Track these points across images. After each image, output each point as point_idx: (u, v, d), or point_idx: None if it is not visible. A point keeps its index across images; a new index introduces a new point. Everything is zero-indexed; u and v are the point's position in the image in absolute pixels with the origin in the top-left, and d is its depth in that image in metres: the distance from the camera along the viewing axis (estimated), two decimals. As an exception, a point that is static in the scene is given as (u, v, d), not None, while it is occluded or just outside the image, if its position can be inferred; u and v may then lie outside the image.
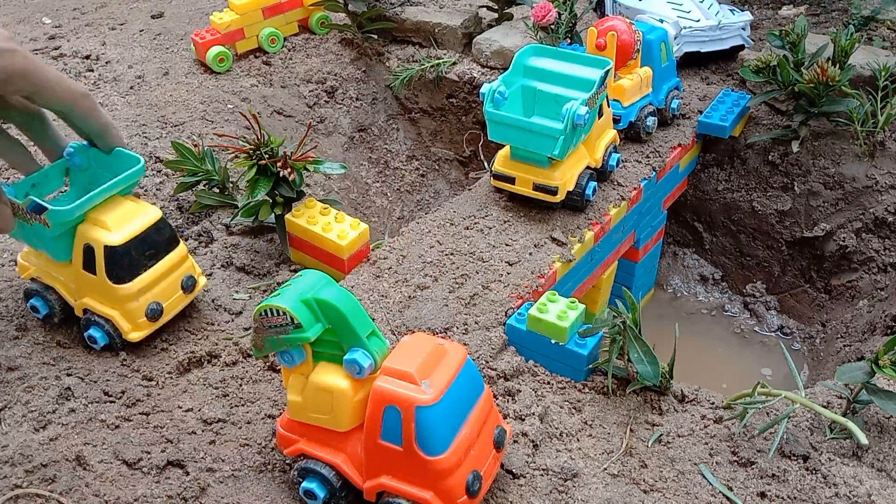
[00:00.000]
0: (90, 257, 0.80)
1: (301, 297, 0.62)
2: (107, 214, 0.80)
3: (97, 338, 0.83)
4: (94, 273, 0.80)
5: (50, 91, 0.73)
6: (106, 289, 0.81)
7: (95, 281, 0.81)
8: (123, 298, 0.81)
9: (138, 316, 0.83)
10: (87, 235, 0.79)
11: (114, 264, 0.80)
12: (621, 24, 1.14)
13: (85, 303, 0.83)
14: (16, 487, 0.67)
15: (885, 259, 1.25)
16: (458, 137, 1.60)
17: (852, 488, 0.71)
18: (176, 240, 0.86)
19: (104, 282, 0.80)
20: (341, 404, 0.64)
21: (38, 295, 0.85)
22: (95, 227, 0.80)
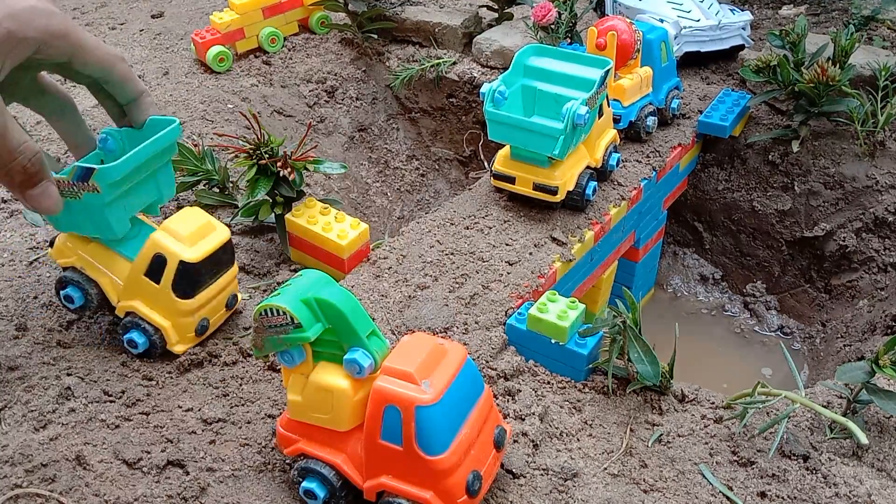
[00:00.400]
0: (159, 267, 0.78)
1: (301, 296, 0.62)
2: (184, 226, 0.78)
3: (139, 343, 0.81)
4: (157, 282, 0.79)
5: (90, 53, 0.71)
6: (166, 300, 0.79)
7: (156, 290, 0.79)
8: (181, 313, 0.80)
9: (188, 330, 0.82)
10: (161, 246, 0.78)
11: (184, 279, 0.78)
12: (621, 23, 1.14)
13: (133, 306, 0.81)
14: (16, 487, 0.67)
15: (886, 259, 1.25)
16: (458, 137, 1.59)
17: (852, 488, 0.71)
18: (233, 259, 0.85)
19: (167, 293, 0.79)
20: (341, 404, 0.64)
21: (75, 285, 0.81)
22: (173, 239, 0.78)
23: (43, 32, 0.66)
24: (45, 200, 0.70)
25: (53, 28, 0.66)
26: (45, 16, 0.66)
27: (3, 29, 0.63)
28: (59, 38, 0.67)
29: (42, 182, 0.69)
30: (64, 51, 0.69)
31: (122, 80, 0.75)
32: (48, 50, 0.67)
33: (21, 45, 0.65)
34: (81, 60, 0.71)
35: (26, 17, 0.64)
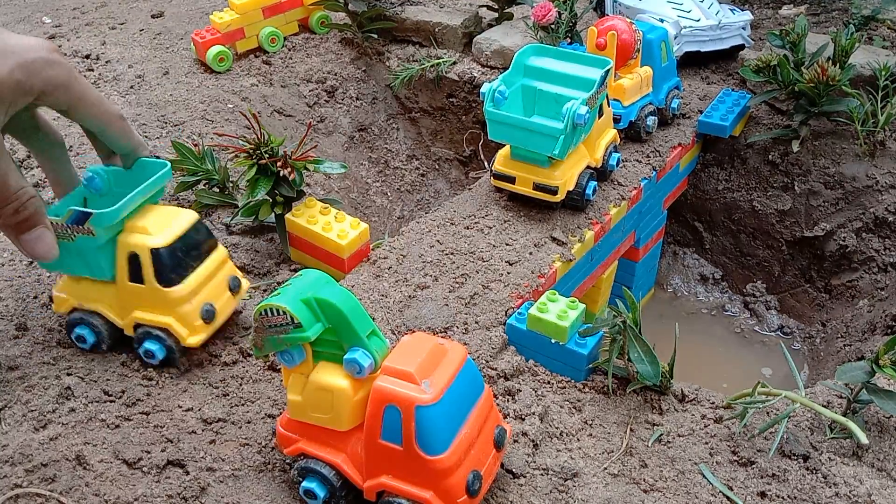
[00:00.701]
0: (136, 266, 0.78)
1: (301, 296, 0.62)
2: (145, 220, 0.78)
3: (154, 351, 0.80)
4: (142, 282, 0.78)
5: (88, 108, 0.72)
6: (157, 296, 0.79)
7: (145, 290, 0.79)
8: (176, 302, 0.79)
9: (194, 319, 0.81)
10: (129, 243, 0.78)
11: (162, 267, 0.78)
12: (621, 23, 1.14)
13: (136, 317, 0.80)
14: (16, 487, 0.66)
15: (886, 259, 1.25)
16: (458, 137, 1.59)
17: (852, 488, 0.71)
18: (215, 241, 0.85)
19: (155, 288, 0.78)
20: (341, 404, 0.64)
21: (82, 323, 0.82)
22: (136, 233, 0.78)
23: (47, 83, 0.67)
24: (40, 246, 0.70)
25: (57, 80, 0.67)
26: (50, 66, 0.67)
27: (14, 80, 0.64)
28: (61, 90, 0.68)
29: (37, 227, 0.70)
30: (64, 101, 0.70)
31: (119, 137, 0.77)
32: (48, 99, 0.68)
33: (26, 95, 0.66)
34: (81, 113, 0.72)
35: (35, 68, 0.65)
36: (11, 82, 0.64)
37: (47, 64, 0.66)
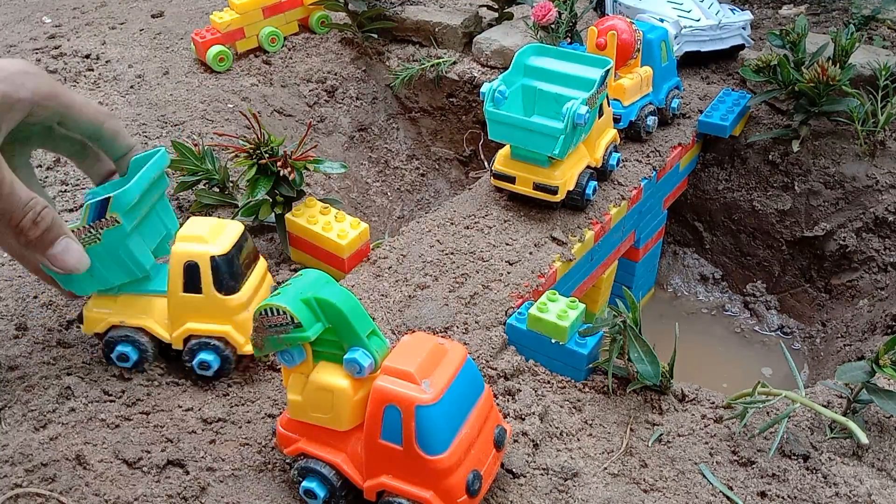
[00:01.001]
0: (194, 275, 0.77)
1: (301, 296, 0.62)
2: (198, 229, 0.77)
3: (210, 361, 0.79)
4: (199, 292, 0.77)
5: (80, 110, 0.71)
6: (215, 305, 0.78)
7: (202, 300, 0.78)
8: (235, 310, 0.79)
9: (249, 326, 0.80)
10: (186, 253, 0.76)
11: (221, 275, 0.77)
12: (622, 23, 1.14)
13: (190, 329, 0.79)
14: (16, 487, 0.66)
15: (886, 258, 1.25)
16: (458, 137, 1.59)
17: (852, 488, 0.71)
18: (257, 251, 0.85)
19: (213, 297, 0.77)
20: (341, 404, 0.64)
21: (125, 341, 0.79)
22: (193, 242, 0.77)
23: (35, 94, 0.66)
24: (69, 258, 0.68)
25: (44, 90, 0.67)
26: (35, 77, 0.67)
27: (0, 93, 0.64)
28: (51, 99, 0.68)
29: (60, 238, 0.68)
30: (55, 111, 0.69)
31: (113, 135, 0.75)
32: (40, 112, 0.68)
33: (16, 107, 0.65)
34: (73, 119, 0.71)
35: (20, 80, 0.65)
36: None
37: (29, 76, 0.66)
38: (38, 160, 1.16)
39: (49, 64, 1.47)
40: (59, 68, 1.45)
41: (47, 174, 1.12)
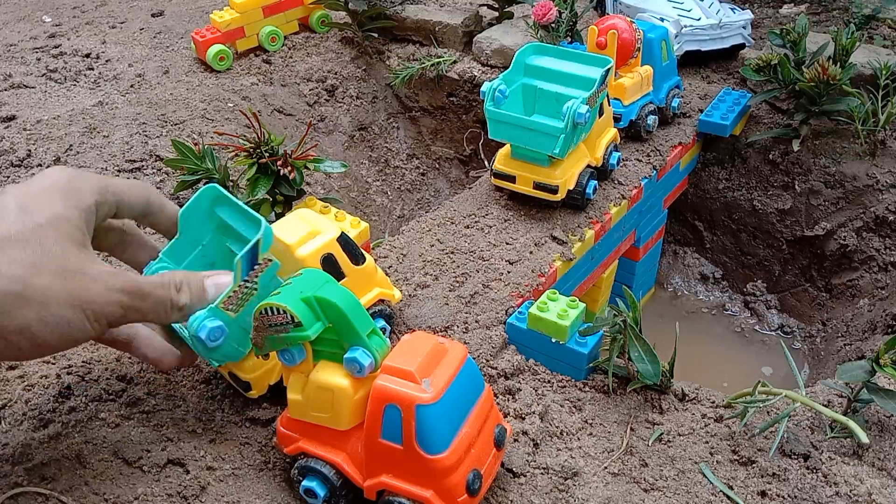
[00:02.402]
0: (332, 263, 0.77)
1: (301, 295, 0.62)
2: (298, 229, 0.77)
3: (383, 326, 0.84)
4: (341, 276, 0.77)
5: (129, 193, 0.67)
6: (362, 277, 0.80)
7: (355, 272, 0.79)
8: (382, 281, 0.83)
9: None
10: (325, 247, 0.76)
11: (351, 250, 0.79)
12: (622, 22, 1.14)
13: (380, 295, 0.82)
14: (16, 486, 0.66)
15: (886, 258, 1.25)
16: (458, 136, 1.59)
17: (853, 487, 0.71)
18: None
19: (362, 270, 0.80)
20: (342, 403, 0.64)
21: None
22: (313, 239, 0.76)
23: (96, 192, 0.64)
24: (221, 286, 0.66)
25: (97, 184, 0.65)
26: (84, 177, 0.64)
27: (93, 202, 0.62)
28: (106, 191, 0.65)
29: (206, 280, 0.65)
30: (112, 202, 0.66)
31: (160, 204, 0.71)
32: (103, 209, 0.65)
33: (90, 212, 0.63)
34: (127, 204, 0.68)
35: (77, 185, 0.63)
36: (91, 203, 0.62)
37: (80, 179, 0.64)
38: (39, 159, 1.16)
39: (49, 63, 1.47)
40: (59, 67, 1.45)
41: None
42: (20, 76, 1.42)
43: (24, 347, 0.57)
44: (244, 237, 0.70)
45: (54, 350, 0.59)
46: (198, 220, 0.73)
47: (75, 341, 0.59)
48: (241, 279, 0.65)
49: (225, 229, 0.74)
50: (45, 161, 1.15)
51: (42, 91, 1.37)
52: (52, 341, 0.58)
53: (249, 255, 0.65)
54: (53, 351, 0.60)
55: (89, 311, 0.58)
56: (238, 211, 0.71)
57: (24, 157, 1.17)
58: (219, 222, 0.74)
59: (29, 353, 0.58)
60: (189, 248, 0.74)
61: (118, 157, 1.18)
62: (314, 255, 0.75)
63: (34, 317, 0.56)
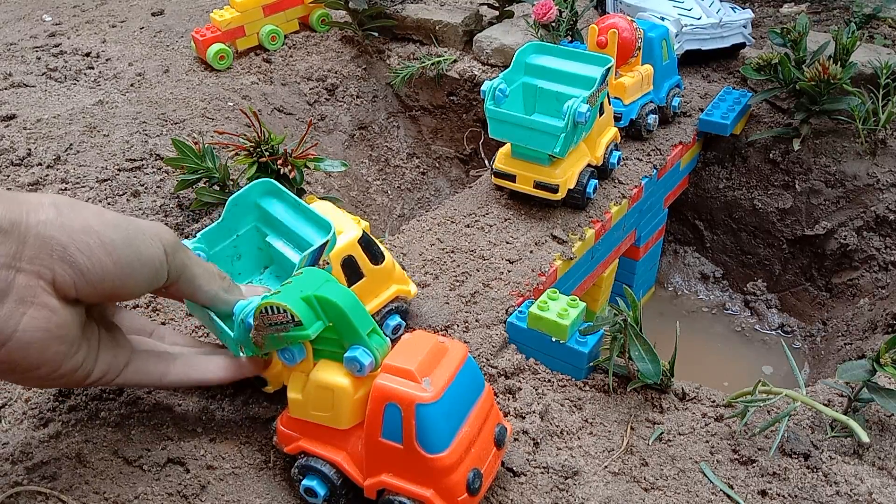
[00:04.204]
0: (352, 266, 0.78)
1: (302, 294, 0.62)
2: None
3: (399, 324, 0.85)
4: (359, 278, 0.79)
5: (203, 281, 0.66)
6: (381, 276, 0.81)
7: (373, 272, 0.80)
8: (399, 277, 0.84)
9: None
10: (343, 249, 0.77)
11: (371, 249, 0.80)
12: (622, 21, 1.14)
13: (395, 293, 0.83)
14: (16, 485, 0.66)
15: (886, 257, 1.25)
16: (458, 135, 1.59)
17: (853, 486, 0.71)
18: None
19: (380, 270, 0.80)
20: (341, 402, 0.64)
21: None
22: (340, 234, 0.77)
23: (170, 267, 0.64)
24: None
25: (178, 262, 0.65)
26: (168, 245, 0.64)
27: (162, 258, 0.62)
28: (180, 272, 0.65)
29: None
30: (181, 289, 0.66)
31: (226, 303, 0.69)
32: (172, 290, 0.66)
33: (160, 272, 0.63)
34: (194, 295, 0.67)
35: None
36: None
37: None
38: (39, 158, 1.16)
39: (49, 62, 1.47)
40: (60, 66, 1.45)
41: (47, 172, 1.12)
42: (20, 75, 1.42)
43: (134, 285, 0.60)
44: (293, 233, 0.73)
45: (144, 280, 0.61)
46: (241, 211, 0.75)
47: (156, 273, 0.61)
48: None
49: (266, 222, 0.76)
50: (45, 160, 1.15)
51: (42, 90, 1.37)
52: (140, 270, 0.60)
53: (315, 253, 0.68)
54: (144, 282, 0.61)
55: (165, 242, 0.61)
56: (297, 210, 0.73)
57: (25, 156, 1.17)
58: (260, 215, 0.76)
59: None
60: (224, 235, 0.75)
61: (118, 156, 1.18)
62: (334, 256, 0.76)
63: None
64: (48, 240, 0.55)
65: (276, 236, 0.76)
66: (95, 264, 0.56)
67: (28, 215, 0.55)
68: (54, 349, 0.57)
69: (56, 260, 0.55)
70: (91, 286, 0.57)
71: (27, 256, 0.54)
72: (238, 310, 0.67)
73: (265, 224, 0.77)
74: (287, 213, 0.75)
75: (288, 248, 0.75)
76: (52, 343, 0.56)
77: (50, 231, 0.55)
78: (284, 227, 0.75)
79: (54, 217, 0.56)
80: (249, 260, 0.78)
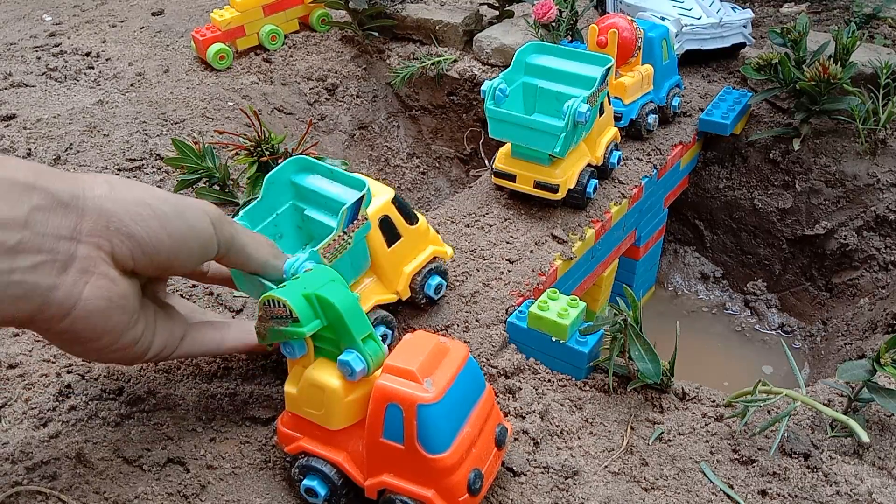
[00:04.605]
0: (389, 226, 0.79)
1: (304, 291, 0.62)
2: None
3: (438, 286, 0.86)
4: (394, 240, 0.80)
5: (254, 250, 0.68)
6: (416, 239, 0.83)
7: (406, 238, 0.81)
8: (434, 238, 0.85)
9: None
10: (376, 210, 0.78)
11: (406, 211, 0.81)
12: (622, 21, 1.14)
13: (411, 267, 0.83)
14: (16, 485, 0.66)
15: (886, 257, 1.25)
16: (458, 135, 1.59)
17: (853, 486, 0.71)
18: None
19: (416, 230, 0.82)
20: (332, 403, 0.64)
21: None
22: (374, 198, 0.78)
23: (220, 241, 0.66)
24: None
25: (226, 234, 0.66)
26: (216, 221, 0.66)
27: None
28: (230, 244, 0.67)
29: None
30: (233, 260, 0.68)
31: (275, 269, 0.70)
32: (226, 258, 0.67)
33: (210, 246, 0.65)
34: (245, 264, 0.69)
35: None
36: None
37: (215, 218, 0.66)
38: (39, 158, 1.16)
39: (49, 62, 1.47)
40: (60, 66, 1.45)
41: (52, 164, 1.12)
42: (20, 75, 1.42)
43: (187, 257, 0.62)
44: (329, 200, 0.75)
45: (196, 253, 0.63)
46: (278, 189, 0.77)
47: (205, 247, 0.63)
48: (342, 230, 0.69)
49: (303, 197, 0.78)
50: (45, 160, 1.15)
51: (42, 90, 1.37)
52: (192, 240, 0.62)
53: (353, 208, 0.69)
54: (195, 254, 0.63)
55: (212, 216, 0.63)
56: (331, 176, 0.75)
57: (25, 155, 1.17)
58: (296, 192, 0.78)
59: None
60: (265, 213, 0.77)
61: (118, 156, 1.18)
62: (372, 217, 0.77)
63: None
64: (105, 212, 0.57)
65: (313, 208, 0.78)
66: (151, 235, 0.59)
67: (85, 190, 0.57)
68: (116, 318, 0.59)
69: (113, 231, 0.57)
70: (147, 257, 0.59)
71: (86, 229, 0.56)
72: (288, 266, 0.68)
73: (302, 200, 0.78)
74: (321, 181, 0.76)
75: (326, 217, 0.77)
76: (113, 312, 0.59)
77: (106, 204, 0.57)
78: (320, 197, 0.77)
79: (108, 191, 0.58)
80: (290, 239, 0.80)
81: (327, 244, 0.70)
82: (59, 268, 0.55)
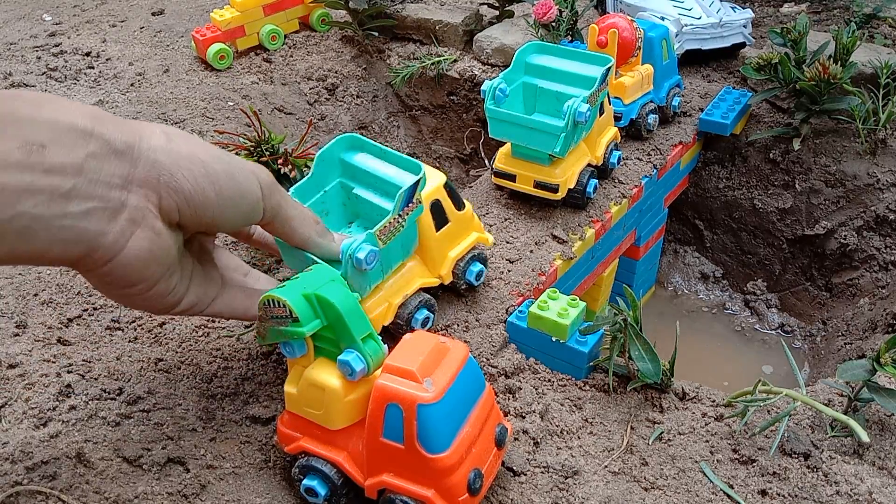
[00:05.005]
0: (439, 211, 0.80)
1: (304, 291, 0.62)
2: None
3: (479, 272, 0.87)
4: (443, 224, 0.80)
5: (298, 224, 0.68)
6: (462, 223, 0.84)
7: (453, 223, 0.81)
8: (477, 224, 0.87)
9: None
10: (428, 195, 0.79)
11: (454, 196, 0.82)
12: (622, 21, 1.14)
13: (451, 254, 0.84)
14: (16, 484, 0.66)
15: (887, 257, 1.25)
16: (458, 135, 1.59)
17: (853, 486, 0.71)
18: None
19: (463, 215, 0.83)
20: (332, 403, 0.64)
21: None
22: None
23: (265, 209, 0.66)
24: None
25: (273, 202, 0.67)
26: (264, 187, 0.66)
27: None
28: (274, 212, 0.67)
29: None
30: (274, 228, 0.69)
31: (317, 246, 0.71)
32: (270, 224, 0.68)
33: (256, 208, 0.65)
34: (287, 235, 0.70)
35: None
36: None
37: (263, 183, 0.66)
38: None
39: (49, 62, 1.47)
40: (60, 66, 1.45)
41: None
42: (20, 75, 1.42)
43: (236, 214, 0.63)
44: (381, 181, 0.75)
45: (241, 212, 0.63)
46: (327, 166, 0.77)
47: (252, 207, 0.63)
48: (397, 212, 0.69)
49: (352, 176, 0.78)
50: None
51: (42, 90, 1.37)
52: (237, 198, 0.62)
53: (409, 191, 0.69)
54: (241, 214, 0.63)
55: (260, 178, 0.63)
56: (384, 157, 0.75)
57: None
58: (344, 170, 0.78)
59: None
60: (314, 190, 0.77)
61: (118, 156, 1.18)
62: (425, 199, 0.77)
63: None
64: (157, 164, 0.57)
65: (363, 187, 0.78)
66: (199, 192, 0.59)
67: (141, 140, 0.57)
68: (152, 269, 0.60)
69: (163, 185, 0.57)
70: (193, 213, 0.59)
71: (138, 179, 0.56)
72: (345, 248, 0.69)
73: (350, 178, 0.79)
74: (373, 161, 0.77)
75: (377, 197, 0.77)
76: (151, 263, 0.59)
77: (160, 156, 0.57)
78: (372, 177, 0.77)
79: (164, 143, 0.58)
80: (335, 216, 0.80)
81: (383, 226, 0.70)
82: (110, 215, 0.55)
